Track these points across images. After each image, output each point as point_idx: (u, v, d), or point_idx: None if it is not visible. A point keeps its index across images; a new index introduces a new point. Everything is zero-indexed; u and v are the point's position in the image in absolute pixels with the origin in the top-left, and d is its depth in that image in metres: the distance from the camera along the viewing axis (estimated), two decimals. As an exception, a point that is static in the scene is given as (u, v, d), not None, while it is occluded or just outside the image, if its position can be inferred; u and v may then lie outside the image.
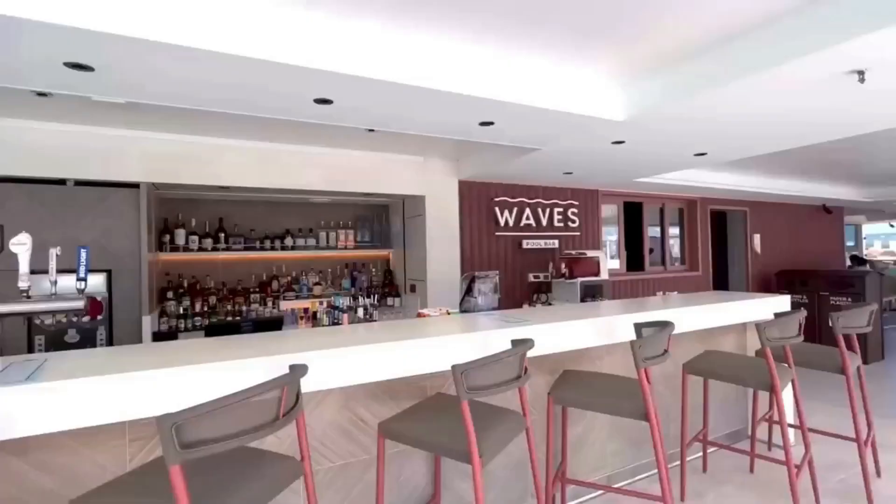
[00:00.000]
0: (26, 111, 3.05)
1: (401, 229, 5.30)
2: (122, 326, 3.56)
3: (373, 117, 2.75)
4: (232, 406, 1.16)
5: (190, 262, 4.58)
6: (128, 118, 3.26)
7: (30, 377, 1.42)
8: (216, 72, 2.05)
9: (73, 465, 1.59)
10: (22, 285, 2.05)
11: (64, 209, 3.47)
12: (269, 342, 1.93)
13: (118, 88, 2.18)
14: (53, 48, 1.74)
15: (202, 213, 4.62)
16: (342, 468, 2.02)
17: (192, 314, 4.33)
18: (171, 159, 3.70)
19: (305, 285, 4.96)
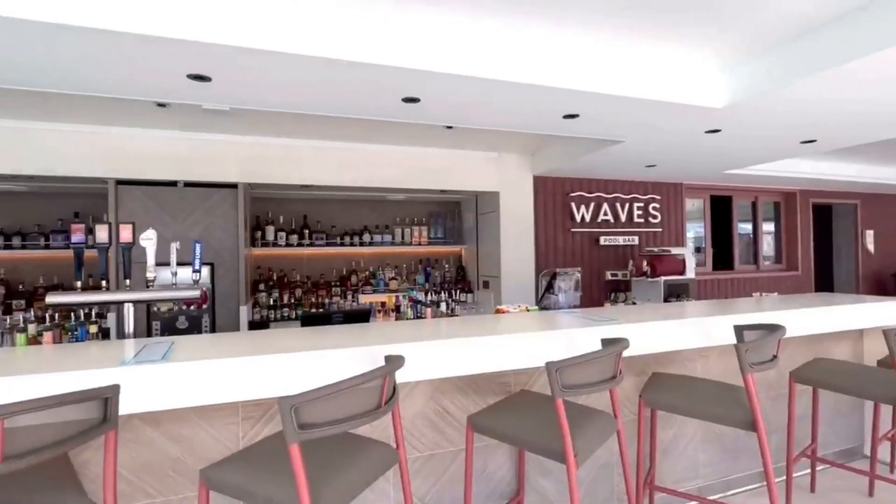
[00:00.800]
0: (146, 120, 3.41)
1: (473, 226, 5.32)
2: (222, 315, 3.89)
3: (457, 114, 2.77)
4: (343, 392, 1.22)
5: (278, 257, 4.92)
6: (228, 124, 3.54)
7: (164, 357, 1.59)
8: (314, 76, 2.17)
9: (195, 438, 1.76)
10: (149, 276, 2.31)
11: (175, 208, 3.85)
12: (362, 333, 2.02)
13: (228, 96, 2.38)
14: (180, 62, 1.94)
15: (289, 211, 4.93)
16: (429, 458, 2.06)
17: (281, 305, 4.65)
18: (264, 161, 3.98)
19: (382, 280, 5.13)
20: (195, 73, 2.02)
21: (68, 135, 3.52)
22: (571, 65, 2.39)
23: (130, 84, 2.20)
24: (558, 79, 2.32)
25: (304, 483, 1.16)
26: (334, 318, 2.52)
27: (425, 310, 2.71)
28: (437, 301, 2.95)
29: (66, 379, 1.42)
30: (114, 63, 1.97)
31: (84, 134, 3.55)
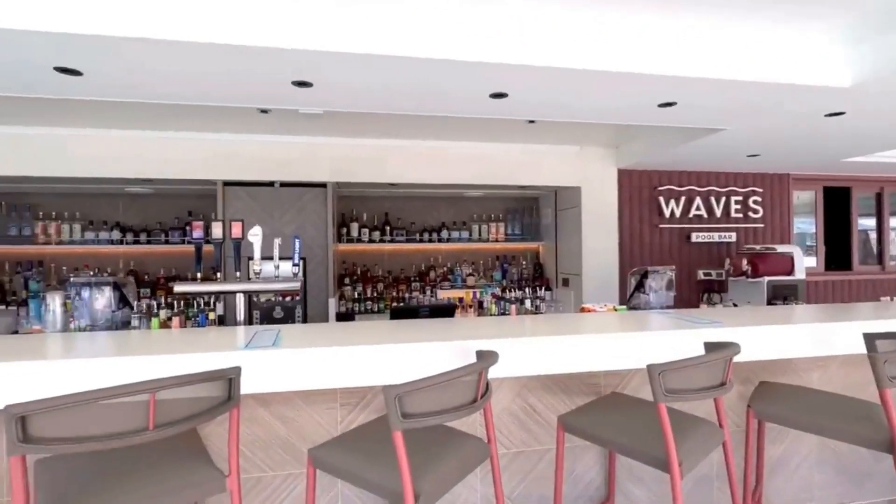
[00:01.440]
0: (249, 126, 3.72)
1: (552, 222, 5.20)
2: (313, 306, 4.15)
3: (545, 108, 2.71)
4: (443, 384, 1.25)
5: (361, 253, 5.15)
6: (320, 127, 3.76)
7: (274, 343, 1.73)
8: (407, 77, 2.23)
9: (299, 420, 1.89)
10: (256, 268, 2.52)
11: (272, 206, 4.17)
12: (451, 328, 2.06)
13: (326, 100, 2.52)
14: (288, 70, 2.09)
15: (371, 208, 5.14)
16: (515, 456, 2.06)
17: (364, 298, 4.86)
18: (352, 161, 4.18)
19: (459, 276, 5.19)
20: (300, 79, 2.17)
21: (185, 142, 3.93)
22: (669, 49, 2.24)
23: (242, 93, 2.41)
24: (656, 65, 2.19)
25: (406, 469, 1.21)
26: (421, 312, 2.60)
27: (510, 306, 2.69)
28: (521, 298, 2.92)
29: (196, 360, 1.59)
30: (230, 74, 2.18)
31: (197, 140, 3.95)
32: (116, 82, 2.20)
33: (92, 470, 1.31)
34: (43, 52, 1.89)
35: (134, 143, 3.89)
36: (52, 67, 1.98)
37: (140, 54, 1.96)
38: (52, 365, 1.51)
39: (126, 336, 2.00)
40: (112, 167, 3.86)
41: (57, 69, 2.00)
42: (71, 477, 1.29)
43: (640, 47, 2.19)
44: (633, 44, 2.18)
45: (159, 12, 1.83)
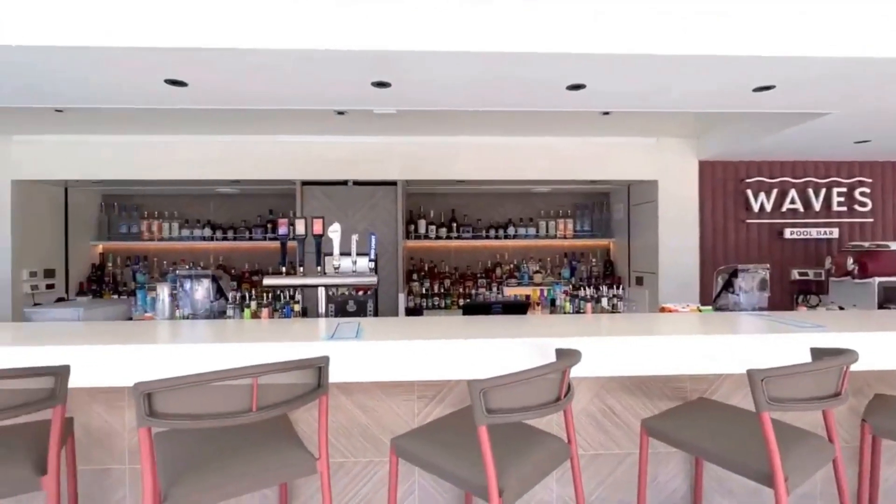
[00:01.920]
0: (326, 128, 3.90)
1: (624, 217, 4.98)
2: (383, 301, 4.28)
3: (622, 98, 2.59)
4: (528, 381, 1.24)
5: (429, 249, 5.23)
6: (392, 126, 3.86)
7: (357, 335, 1.81)
8: (482, 72, 2.21)
9: (379, 410, 1.96)
10: (335, 263, 2.64)
11: (345, 204, 4.34)
12: (527, 325, 2.03)
13: (403, 99, 2.57)
14: (367, 71, 2.16)
15: (439, 205, 5.21)
16: (593, 458, 2.00)
17: (432, 294, 4.94)
18: (421, 159, 4.25)
19: (526, 273, 5.12)
20: (379, 80, 2.24)
21: (268, 144, 4.20)
22: (764, 26, 2.05)
23: (325, 97, 2.53)
24: (750, 45, 2.01)
25: (491, 464, 1.21)
26: (493, 308, 2.59)
27: (586, 305, 2.62)
28: (597, 296, 2.83)
29: (288, 348, 1.70)
30: (316, 79, 2.29)
31: (279, 143, 4.21)
32: (218, 91, 2.39)
33: (200, 445, 1.44)
34: (156, 66, 2.10)
35: (224, 147, 4.21)
36: (163, 80, 2.20)
37: (240, 64, 2.12)
38: (172, 348, 1.67)
39: (225, 325, 2.18)
40: (205, 170, 4.21)
41: (167, 81, 2.22)
42: (183, 450, 1.42)
43: (731, 26, 2.02)
44: (722, 24, 2.02)
45: (254, 23, 1.96)
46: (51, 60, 2.06)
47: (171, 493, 1.24)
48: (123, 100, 2.51)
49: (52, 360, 1.61)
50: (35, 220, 4.33)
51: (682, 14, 2.04)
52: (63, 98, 2.57)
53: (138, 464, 1.88)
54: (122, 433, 1.89)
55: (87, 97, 2.50)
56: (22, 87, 2.38)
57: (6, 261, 4.06)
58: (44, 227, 4.45)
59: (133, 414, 1.89)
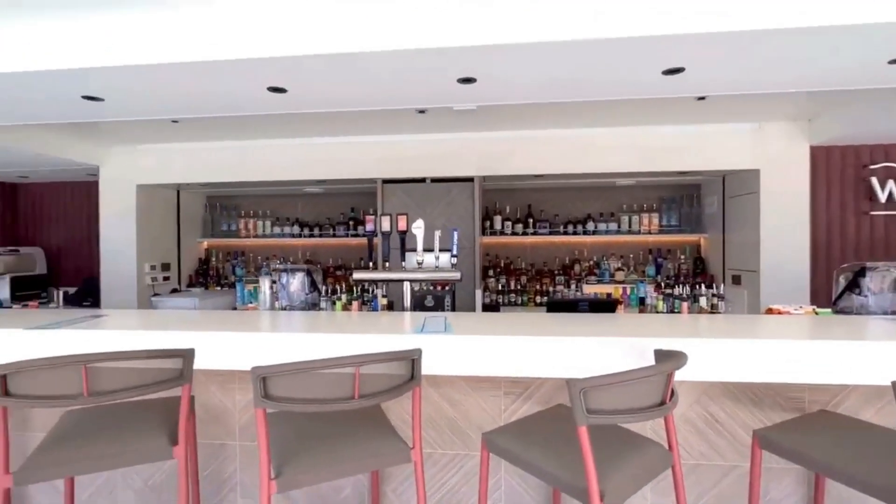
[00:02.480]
0: (406, 127, 4.00)
1: (717, 211, 4.60)
2: (460, 297, 4.31)
3: (725, 81, 2.36)
4: (630, 382, 1.18)
5: (505, 245, 5.19)
6: (469, 122, 3.87)
7: (446, 329, 1.83)
8: (572, 62, 2.14)
9: (465, 403, 1.98)
10: (418, 259, 2.69)
11: (423, 201, 4.43)
12: (619, 324, 1.95)
13: (487, 95, 2.56)
14: (453, 68, 2.17)
15: (515, 201, 5.15)
16: (693, 468, 1.87)
17: (508, 291, 4.90)
18: (498, 154, 4.22)
19: (607, 270, 4.91)
20: (465, 76, 2.25)
21: (352, 145, 4.39)
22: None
23: (411, 95, 2.59)
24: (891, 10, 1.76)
25: (592, 466, 1.17)
26: (580, 305, 2.51)
27: (681, 304, 2.45)
28: (695, 295, 2.63)
29: (381, 340, 1.76)
30: (404, 78, 2.34)
31: (361, 144, 4.38)
32: (313, 96, 2.54)
33: (304, 428, 1.54)
34: (260, 75, 2.28)
35: (311, 150, 4.47)
36: (266, 88, 2.38)
37: (335, 68, 2.23)
38: (279, 336, 1.81)
39: (320, 316, 2.31)
40: (295, 171, 4.50)
41: (269, 89, 2.40)
42: (291, 432, 1.53)
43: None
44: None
45: (349, 27, 2.06)
46: (171, 76, 2.30)
47: (283, 470, 1.33)
48: (230, 108, 2.75)
49: (177, 343, 1.80)
50: (154, 220, 4.88)
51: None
52: (179, 110, 2.86)
53: (248, 440, 2.06)
54: (234, 412, 2.07)
55: (199, 107, 2.77)
56: (148, 101, 2.69)
57: (132, 256, 4.63)
58: (160, 226, 5.00)
59: (243, 395, 2.07)
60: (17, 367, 1.34)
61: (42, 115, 3.00)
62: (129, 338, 1.87)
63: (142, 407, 1.72)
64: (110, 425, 1.57)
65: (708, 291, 2.60)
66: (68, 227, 6.05)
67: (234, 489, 2.07)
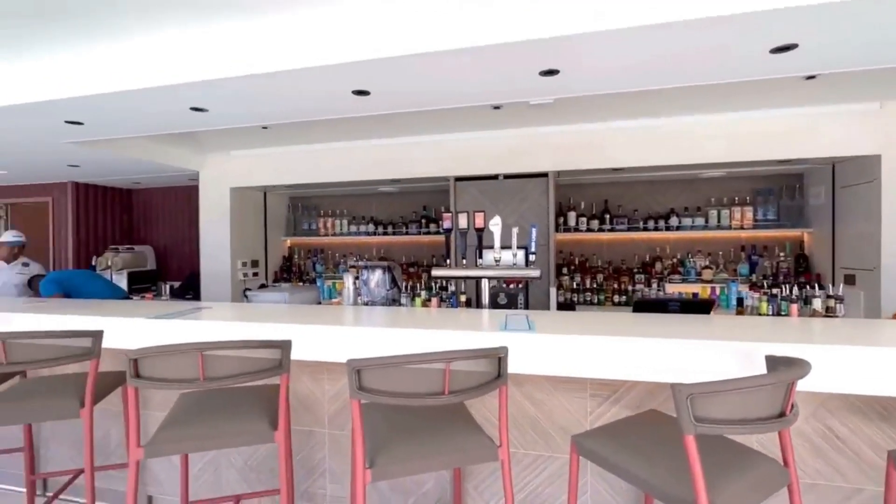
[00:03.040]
0: (479, 124, 3.99)
1: (825, 202, 4.13)
2: (533, 295, 4.23)
3: (845, 54, 2.09)
4: (748, 391, 1.09)
5: (579, 242, 5.03)
6: (543, 116, 3.77)
7: (530, 327, 1.80)
8: (668, 45, 2.01)
9: (548, 404, 1.93)
10: (496, 256, 2.67)
11: (496, 198, 4.39)
12: (719, 326, 1.81)
13: (574, 86, 2.47)
14: (535, 60, 2.12)
15: (590, 196, 4.96)
16: (809, 488, 1.69)
17: (583, 289, 4.74)
18: (573, 148, 4.09)
19: (693, 268, 4.59)
20: (548, 68, 2.20)
21: (425, 144, 4.46)
22: None
23: (491, 91, 2.57)
24: None
25: (700, 477, 1.09)
26: (670, 306, 2.36)
27: (790, 306, 2.20)
28: (804, 297, 2.37)
29: (464, 337, 1.77)
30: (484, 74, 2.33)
31: (434, 142, 4.44)
32: (395, 97, 2.60)
33: (394, 421, 1.58)
34: (345, 79, 2.37)
35: (386, 150, 4.59)
36: (351, 91, 2.48)
37: (417, 68, 2.27)
38: (367, 331, 1.88)
39: (401, 312, 2.37)
40: (372, 171, 4.65)
41: (354, 92, 2.50)
42: (380, 423, 1.57)
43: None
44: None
45: (431, 26, 2.08)
46: (267, 84, 2.46)
47: (376, 460, 1.38)
48: (317, 112, 2.90)
49: (271, 334, 1.93)
50: (244, 220, 5.28)
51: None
52: (271, 116, 3.06)
53: (336, 429, 2.16)
54: (323, 402, 2.18)
55: (289, 113, 2.94)
56: (245, 110, 2.90)
57: (226, 253, 5.04)
58: (250, 226, 5.40)
59: (332, 385, 2.17)
60: (146, 353, 1.50)
61: (153, 126, 3.34)
62: (232, 328, 2.03)
63: (244, 393, 1.86)
64: (220, 409, 1.71)
65: (822, 292, 2.32)
66: (173, 228, 6.72)
67: (323, 475, 2.18)
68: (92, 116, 2.99)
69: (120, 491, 2.41)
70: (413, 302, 2.80)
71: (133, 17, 2.23)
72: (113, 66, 2.51)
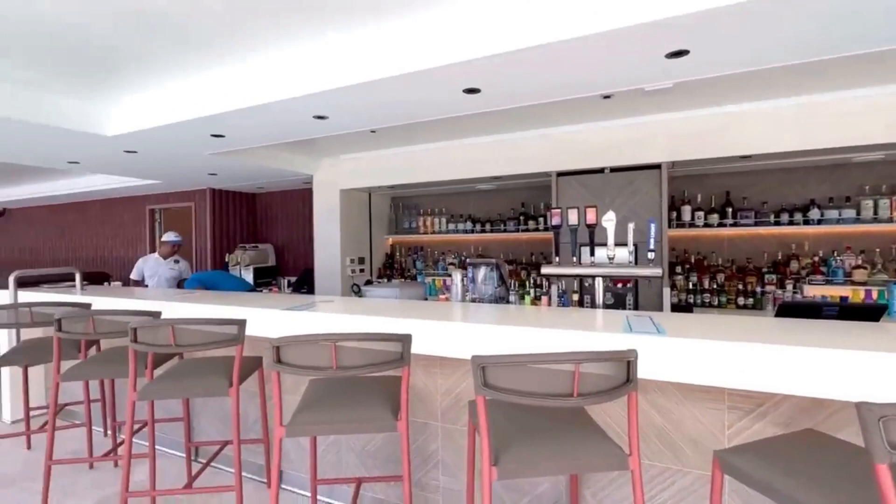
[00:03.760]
0: (582, 116, 3.82)
1: None
2: (644, 295, 3.97)
3: None
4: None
5: (695, 238, 4.60)
6: (656, 103, 3.50)
7: (659, 330, 1.67)
8: (824, 6, 1.76)
9: (676, 413, 1.78)
10: (609, 253, 2.54)
11: (601, 193, 4.18)
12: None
13: (700, 68, 2.26)
14: (660, 40, 1.98)
15: (707, 188, 4.52)
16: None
17: (701, 290, 4.34)
18: (691, 136, 3.75)
19: (840, 268, 3.97)
20: (677, 49, 2.02)
21: (525, 140, 4.39)
22: None
23: (606, 80, 2.44)
24: None
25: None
26: (826, 311, 2.06)
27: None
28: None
29: (585, 338, 1.69)
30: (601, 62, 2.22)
31: (534, 138, 4.35)
32: (505, 92, 2.59)
33: (516, 420, 1.56)
34: (458, 78, 2.40)
35: (485, 148, 4.60)
36: (461, 90, 2.51)
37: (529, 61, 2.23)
38: (480, 328, 1.88)
39: (509, 309, 2.35)
40: (471, 169, 4.68)
41: (465, 91, 2.52)
42: (502, 421, 1.56)
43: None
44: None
45: (546, 17, 2.02)
46: (385, 89, 2.57)
47: (501, 458, 1.37)
48: (427, 113, 2.98)
49: (384, 328, 2.01)
50: (352, 220, 5.62)
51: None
52: (383, 119, 3.20)
53: (448, 423, 2.20)
54: (436, 395, 2.23)
55: (400, 115, 3.06)
56: (361, 115, 3.07)
57: (337, 250, 5.41)
58: (356, 225, 5.74)
59: (444, 380, 2.22)
60: (287, 341, 1.64)
61: (278, 134, 3.67)
62: (356, 321, 2.16)
63: (368, 383, 1.96)
64: (349, 397, 1.82)
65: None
66: (289, 227, 7.38)
67: (436, 466, 2.23)
68: (232, 129, 3.38)
69: (253, 462, 2.69)
70: (522, 300, 2.76)
71: (272, 35, 2.47)
72: (250, 83, 2.80)
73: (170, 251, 5.07)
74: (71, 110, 3.35)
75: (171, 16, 2.19)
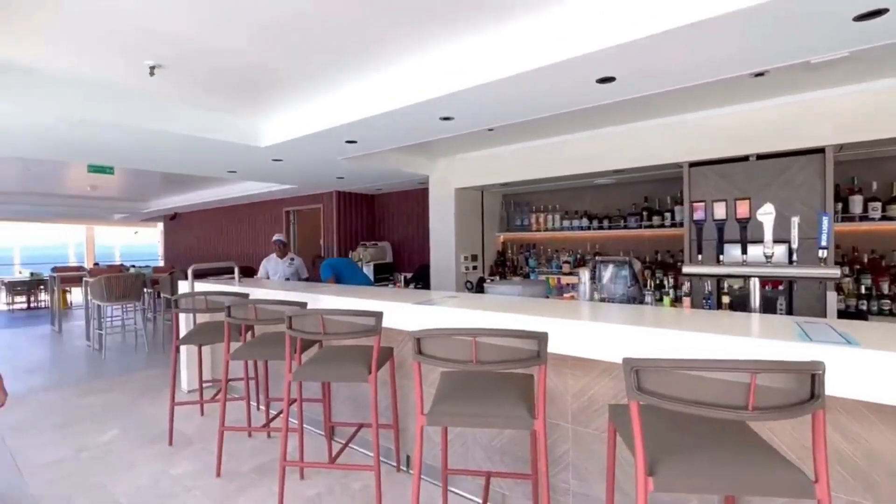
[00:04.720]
0: (720, 99, 3.43)
1: None
2: (802, 299, 3.45)
3: None
4: None
5: (867, 234, 3.89)
6: (818, 78, 3.01)
7: (848, 340, 1.43)
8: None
9: (870, 438, 1.51)
10: (767, 251, 2.24)
11: (745, 183, 3.72)
12: None
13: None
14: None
15: (885, 174, 3.78)
16: None
17: (876, 295, 3.65)
18: (863, 113, 3.17)
19: None
20: (871, 9, 1.69)
21: (650, 130, 4.07)
22: None
23: (764, 53, 2.15)
24: None
25: None
26: None
27: None
28: None
29: (754, 345, 1.51)
30: (781, 33, 1.98)
31: (662, 126, 4.01)
32: (642, 78, 2.42)
33: (672, 430, 1.44)
34: (590, 68, 2.30)
35: (603, 140, 4.36)
36: (595, 80, 2.41)
37: (669, 43, 2.06)
38: (614, 328, 1.78)
39: (648, 310, 2.18)
40: (588, 164, 4.48)
41: (598, 80, 2.42)
42: (656, 429, 1.45)
43: None
44: None
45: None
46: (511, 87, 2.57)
47: (657, 469, 1.27)
48: (557, 106, 2.90)
49: (514, 324, 1.99)
50: (465, 218, 5.72)
51: None
52: (508, 116, 3.19)
53: (580, 425, 2.12)
54: (566, 396, 2.17)
55: (526, 111, 3.02)
56: (485, 113, 3.10)
57: (451, 248, 5.55)
58: (469, 223, 5.83)
59: (574, 381, 2.14)
60: (428, 334, 1.71)
61: (403, 138, 3.86)
62: (484, 317, 2.18)
63: (501, 379, 1.96)
64: (484, 391, 1.84)
65: None
66: (404, 226, 7.77)
67: (566, 468, 2.17)
68: (364, 135, 3.63)
69: (383, 445, 2.86)
70: (660, 301, 2.57)
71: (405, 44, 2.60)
72: (383, 90, 2.98)
73: (282, 250, 5.63)
74: (238, 127, 3.88)
75: (321, 36, 2.41)
